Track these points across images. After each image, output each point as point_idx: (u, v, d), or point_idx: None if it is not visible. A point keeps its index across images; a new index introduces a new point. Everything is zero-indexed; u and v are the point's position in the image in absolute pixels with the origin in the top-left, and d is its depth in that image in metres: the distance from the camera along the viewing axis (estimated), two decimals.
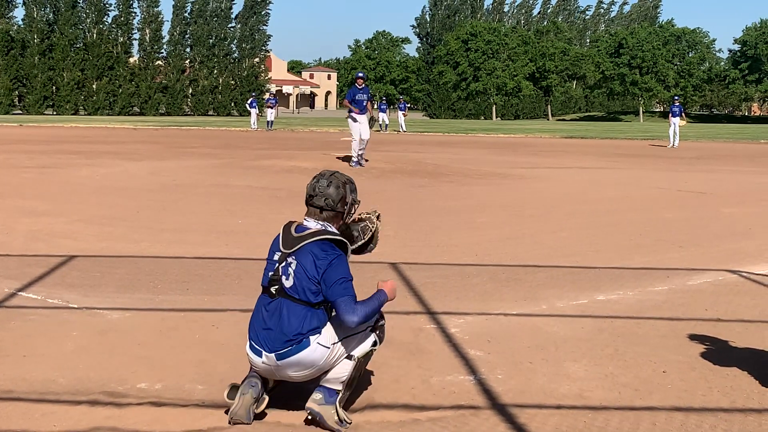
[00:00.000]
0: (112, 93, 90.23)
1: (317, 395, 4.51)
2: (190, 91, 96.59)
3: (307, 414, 4.51)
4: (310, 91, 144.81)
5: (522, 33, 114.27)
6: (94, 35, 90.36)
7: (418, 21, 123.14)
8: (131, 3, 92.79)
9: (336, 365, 4.56)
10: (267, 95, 67.01)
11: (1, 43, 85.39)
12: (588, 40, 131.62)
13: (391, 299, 4.71)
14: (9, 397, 4.83)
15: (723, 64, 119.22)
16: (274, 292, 4.57)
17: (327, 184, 4.67)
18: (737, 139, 48.56)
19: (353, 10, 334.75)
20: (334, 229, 4.69)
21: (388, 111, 54.35)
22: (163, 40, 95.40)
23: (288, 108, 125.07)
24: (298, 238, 4.61)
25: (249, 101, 54.44)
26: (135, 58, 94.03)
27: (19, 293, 7.37)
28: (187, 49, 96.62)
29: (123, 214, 12.66)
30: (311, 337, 4.49)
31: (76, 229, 11.23)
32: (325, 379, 4.56)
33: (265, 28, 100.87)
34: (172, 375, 5.25)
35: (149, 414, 4.59)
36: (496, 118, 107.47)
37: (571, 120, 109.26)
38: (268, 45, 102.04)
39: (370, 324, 4.67)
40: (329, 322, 4.56)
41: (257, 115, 52.04)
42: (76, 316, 6.69)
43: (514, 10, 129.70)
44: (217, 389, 4.97)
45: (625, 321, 6.86)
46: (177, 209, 13.64)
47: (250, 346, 4.61)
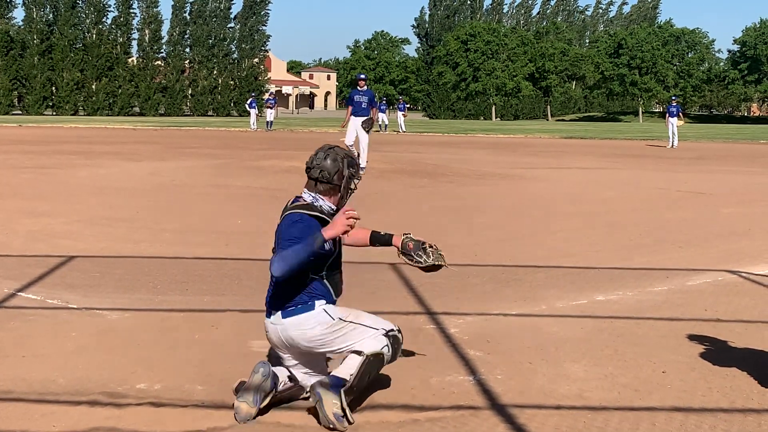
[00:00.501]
0: (111, 93, 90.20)
1: (325, 379, 4.58)
2: (190, 92, 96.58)
3: (309, 395, 4.55)
4: (310, 92, 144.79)
5: (521, 33, 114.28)
6: (94, 36, 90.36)
7: (418, 21, 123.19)
8: (131, 3, 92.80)
9: (345, 358, 4.65)
10: (266, 95, 66.98)
11: (0, 44, 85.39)
12: (587, 41, 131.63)
13: (332, 234, 4.53)
14: (8, 397, 4.83)
15: (722, 64, 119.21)
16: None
17: (324, 156, 4.76)
18: (737, 140, 48.57)
19: (352, 11, 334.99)
20: (325, 203, 4.73)
21: (387, 111, 54.33)
22: (163, 41, 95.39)
23: (287, 108, 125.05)
24: (286, 209, 4.79)
25: (248, 101, 54.45)
26: (134, 59, 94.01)
27: (18, 293, 7.37)
28: (187, 49, 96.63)
29: (122, 215, 12.66)
30: (317, 302, 4.65)
31: (75, 229, 11.23)
32: (335, 371, 4.63)
33: (264, 28, 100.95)
34: (172, 375, 5.24)
35: (149, 414, 4.59)
36: (496, 118, 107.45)
37: (571, 120, 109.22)
38: (267, 45, 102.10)
39: (382, 328, 4.71)
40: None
41: (257, 115, 52.03)
42: (75, 316, 6.69)
43: (513, 11, 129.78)
44: (217, 389, 4.97)
45: (624, 321, 6.86)
46: (176, 209, 13.64)
47: (266, 312, 4.77)
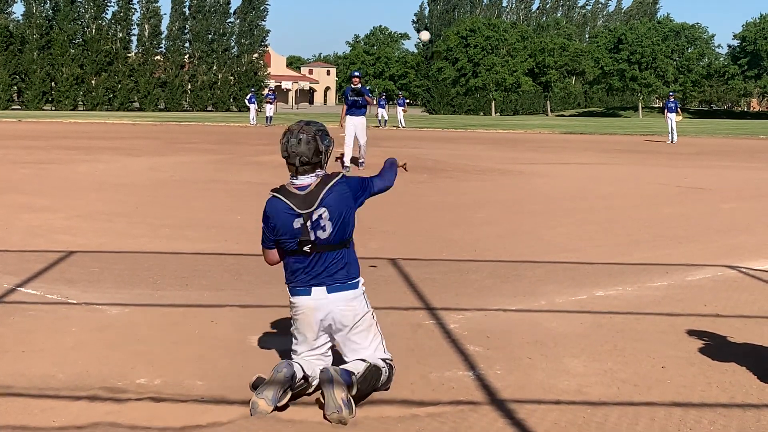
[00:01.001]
0: (111, 89, 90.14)
1: (337, 368, 4.67)
2: (189, 87, 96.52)
3: (314, 390, 4.63)
4: (309, 87, 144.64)
5: (522, 29, 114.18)
6: (93, 31, 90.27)
7: (417, 16, 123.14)
8: None
9: (349, 362, 4.84)
10: (266, 91, 66.92)
11: (0, 39, 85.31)
12: (587, 36, 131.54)
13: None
14: (8, 392, 4.83)
15: (722, 59, 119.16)
16: (308, 251, 4.76)
17: (297, 142, 4.77)
18: (736, 135, 48.54)
19: (352, 5, 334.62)
20: (324, 172, 4.89)
21: (387, 107, 54.26)
22: (162, 36, 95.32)
23: (287, 104, 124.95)
24: (310, 195, 4.78)
25: (248, 97, 54.39)
26: (134, 54, 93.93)
27: (18, 289, 7.37)
28: (186, 44, 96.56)
29: (122, 210, 12.66)
30: (360, 280, 4.91)
31: (75, 224, 11.23)
32: (344, 366, 4.76)
33: (263, 23, 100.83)
34: (172, 370, 5.25)
35: (149, 409, 4.59)
36: (496, 113, 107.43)
37: (570, 116, 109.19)
38: (266, 40, 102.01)
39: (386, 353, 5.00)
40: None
41: (256, 110, 52.00)
42: (75, 311, 6.70)
43: (513, 5, 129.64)
44: (217, 385, 4.98)
45: (624, 317, 6.86)
46: (176, 205, 13.64)
47: (295, 291, 4.85)
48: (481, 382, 5.15)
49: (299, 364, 4.77)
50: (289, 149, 4.78)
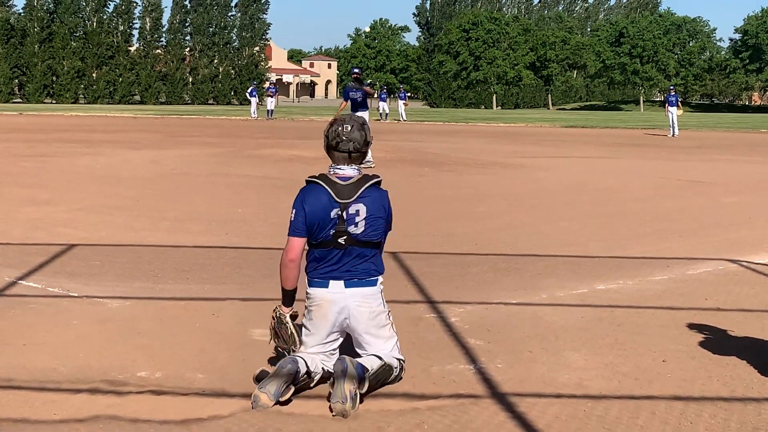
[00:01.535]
0: (112, 82, 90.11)
1: (354, 360, 4.67)
2: (190, 80, 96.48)
3: (334, 367, 4.61)
4: (310, 80, 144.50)
5: (523, 22, 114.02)
6: (95, 24, 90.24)
7: (418, 9, 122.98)
8: None
9: (364, 357, 4.84)
10: (267, 84, 66.86)
11: (1, 32, 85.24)
12: (588, 29, 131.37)
13: None
14: (9, 385, 4.83)
15: (724, 53, 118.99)
16: (343, 243, 4.79)
17: (350, 128, 4.84)
18: (738, 129, 48.51)
19: None
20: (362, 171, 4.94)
21: (388, 100, 54.19)
22: (163, 29, 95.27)
23: (288, 97, 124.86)
24: (353, 186, 4.81)
25: (249, 90, 54.36)
26: (135, 47, 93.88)
27: (19, 282, 7.37)
28: (187, 37, 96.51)
29: (123, 203, 12.67)
30: (379, 278, 4.94)
31: (76, 217, 11.23)
32: (360, 360, 4.76)
33: (264, 16, 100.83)
34: (173, 364, 5.25)
35: (149, 402, 4.59)
36: (497, 107, 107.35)
37: (572, 109, 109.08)
38: (267, 34, 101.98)
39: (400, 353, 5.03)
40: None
41: (257, 104, 51.97)
42: (76, 304, 6.70)
43: None
44: (218, 378, 4.98)
45: (624, 310, 6.86)
46: (177, 198, 13.65)
47: (313, 283, 4.89)
48: (481, 375, 5.15)
49: (303, 360, 4.77)
50: (342, 135, 4.81)
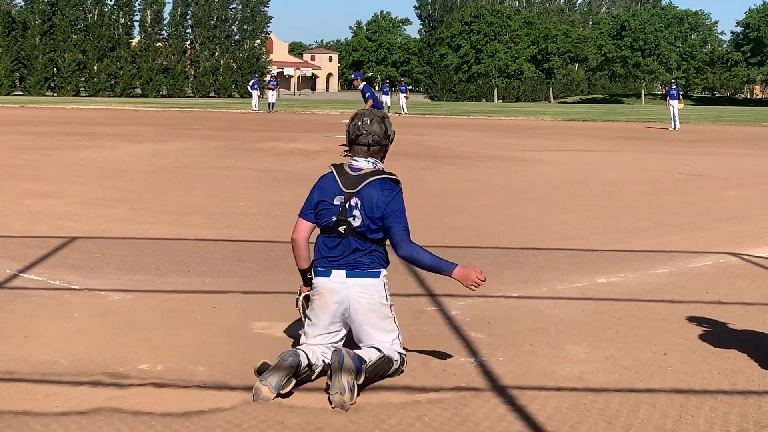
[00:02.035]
0: (113, 74, 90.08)
1: (351, 351, 4.66)
2: (192, 73, 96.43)
3: (331, 359, 4.61)
4: (312, 73, 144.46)
5: (525, 15, 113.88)
6: (95, 16, 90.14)
7: (420, 2, 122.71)
8: None
9: (363, 349, 4.83)
10: (268, 77, 66.80)
11: (2, 24, 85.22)
12: (590, 22, 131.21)
13: (457, 278, 4.85)
14: (11, 378, 4.84)
15: (725, 46, 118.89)
16: (342, 232, 4.85)
17: (370, 122, 4.94)
18: (739, 122, 48.45)
19: None
20: (380, 165, 4.99)
21: (390, 93, 54.08)
22: (164, 22, 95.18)
23: (289, 90, 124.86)
24: (357, 178, 4.89)
25: (250, 83, 54.34)
26: (136, 40, 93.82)
27: (20, 274, 7.38)
28: (188, 30, 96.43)
29: (124, 196, 12.67)
30: (382, 271, 4.92)
31: (77, 210, 11.24)
32: (357, 351, 4.75)
33: (266, 9, 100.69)
34: (174, 356, 5.26)
35: (151, 395, 4.60)
36: (498, 100, 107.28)
37: (573, 102, 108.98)
38: (269, 26, 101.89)
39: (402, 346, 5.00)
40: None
41: (258, 97, 51.93)
42: (77, 297, 6.70)
43: None
44: (219, 371, 4.99)
45: (625, 303, 6.86)
46: (178, 191, 13.65)
47: (317, 272, 4.94)
48: (482, 368, 5.16)
49: (304, 353, 4.78)
50: (361, 128, 4.92)
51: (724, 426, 4.33)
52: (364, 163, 4.94)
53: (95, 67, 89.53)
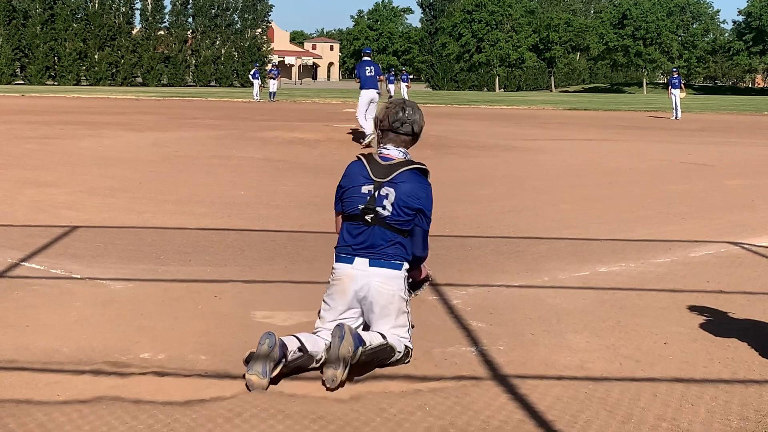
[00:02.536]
0: (114, 63, 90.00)
1: (353, 330, 4.66)
2: (193, 62, 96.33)
3: (332, 333, 4.64)
4: (313, 62, 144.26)
5: (526, 4, 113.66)
6: (96, 5, 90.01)
7: None
8: None
9: (367, 332, 4.83)
10: (269, 66, 66.72)
11: (3, 13, 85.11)
12: (592, 11, 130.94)
13: (414, 276, 5.17)
14: (12, 366, 4.85)
15: (727, 35, 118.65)
16: (369, 220, 4.84)
17: (413, 111, 5.00)
18: (741, 111, 48.40)
19: None
20: (410, 157, 5.00)
21: (396, 82, 53.94)
22: (165, 11, 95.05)
23: (290, 79, 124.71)
24: (389, 167, 4.87)
25: (252, 72, 54.29)
26: (137, 29, 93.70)
27: (22, 263, 7.38)
28: (189, 19, 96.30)
29: (125, 185, 12.67)
30: (404, 264, 4.92)
31: (78, 199, 11.24)
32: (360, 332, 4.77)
33: None
34: (175, 345, 5.26)
35: (152, 384, 4.61)
36: (499, 89, 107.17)
37: (575, 92, 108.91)
38: (270, 15, 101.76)
39: (410, 341, 5.01)
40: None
41: (260, 86, 51.89)
42: (79, 286, 6.71)
43: None
44: (220, 360, 4.99)
45: (626, 293, 6.86)
46: (179, 180, 13.64)
47: (339, 258, 4.92)
48: (483, 357, 5.16)
49: (295, 337, 4.77)
50: (404, 116, 4.94)
51: (724, 415, 4.33)
52: (396, 152, 4.93)
53: (96, 56, 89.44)
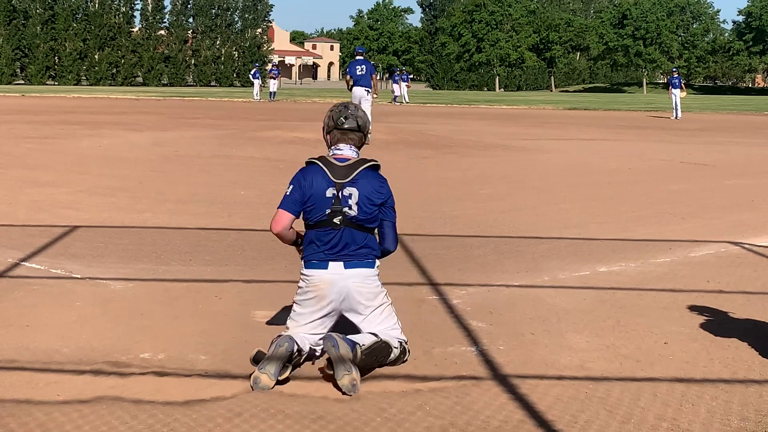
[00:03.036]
0: (114, 63, 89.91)
1: (342, 336, 4.67)
2: (193, 62, 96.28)
3: (324, 346, 4.66)
4: (313, 62, 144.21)
5: (526, 4, 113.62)
6: (96, 5, 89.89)
7: None
8: None
9: (360, 334, 4.84)
10: (269, 66, 66.71)
11: (3, 13, 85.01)
12: (592, 11, 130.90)
13: None
14: (13, 366, 4.85)
15: (727, 35, 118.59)
16: (338, 223, 4.83)
17: (355, 108, 5.04)
18: (741, 111, 48.40)
19: None
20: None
21: (400, 82, 53.82)
22: (166, 10, 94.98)
23: (290, 79, 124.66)
24: (348, 168, 4.87)
25: (252, 72, 54.25)
26: (137, 29, 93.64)
27: (22, 263, 7.38)
28: (190, 19, 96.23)
29: (126, 185, 12.67)
30: (376, 261, 4.96)
31: (79, 199, 11.24)
32: (350, 336, 4.76)
33: None
34: (175, 345, 5.26)
35: (152, 384, 4.61)
36: (499, 89, 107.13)
37: (575, 91, 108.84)
38: (270, 15, 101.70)
39: (402, 333, 5.02)
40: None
41: (260, 86, 51.87)
42: (79, 286, 6.71)
43: None
44: (220, 359, 4.99)
45: (626, 292, 6.86)
46: (180, 180, 13.64)
47: (311, 265, 4.89)
48: (483, 357, 5.16)
49: (295, 338, 4.78)
50: (347, 114, 4.95)
51: (724, 415, 4.33)
52: (349, 152, 4.94)
53: (96, 56, 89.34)
